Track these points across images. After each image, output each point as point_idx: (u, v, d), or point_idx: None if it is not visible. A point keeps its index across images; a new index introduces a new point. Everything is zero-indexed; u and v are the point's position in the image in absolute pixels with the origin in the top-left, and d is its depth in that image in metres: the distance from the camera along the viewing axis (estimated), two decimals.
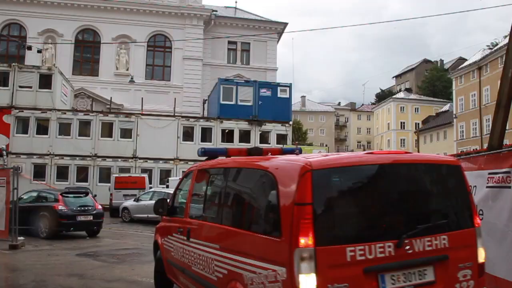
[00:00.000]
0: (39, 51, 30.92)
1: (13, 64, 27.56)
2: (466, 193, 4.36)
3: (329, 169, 3.76)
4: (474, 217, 4.28)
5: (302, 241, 3.42)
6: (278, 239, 3.65)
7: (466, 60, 64.15)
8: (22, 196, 14.65)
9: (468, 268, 4.00)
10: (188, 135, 28.41)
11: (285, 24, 42.98)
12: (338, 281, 3.44)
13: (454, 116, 53.68)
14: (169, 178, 24.99)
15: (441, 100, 75.92)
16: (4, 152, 22.24)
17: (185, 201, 6.18)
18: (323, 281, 3.39)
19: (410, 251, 3.73)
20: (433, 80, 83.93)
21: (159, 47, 39.82)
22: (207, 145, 28.15)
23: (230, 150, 6.31)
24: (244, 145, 28.55)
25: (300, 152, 5.17)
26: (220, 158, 6.24)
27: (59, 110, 27.11)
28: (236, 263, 4.21)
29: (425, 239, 3.82)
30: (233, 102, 29.04)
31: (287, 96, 29.95)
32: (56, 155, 26.24)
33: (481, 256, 4.16)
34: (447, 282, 3.90)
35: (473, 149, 41.13)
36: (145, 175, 24.26)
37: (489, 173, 6.12)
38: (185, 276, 5.71)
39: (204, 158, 6.37)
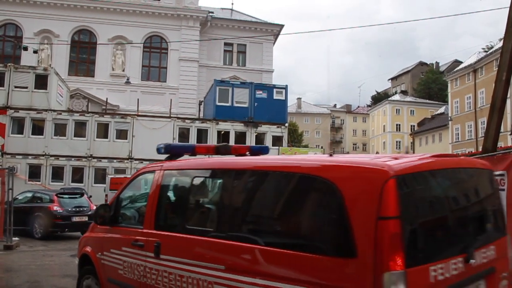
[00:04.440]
0: (35, 52, 30.79)
1: (9, 64, 27.44)
2: (499, 200, 4.14)
3: (416, 173, 3.17)
4: (505, 224, 3.98)
5: (392, 262, 2.79)
6: (351, 261, 2.94)
7: (461, 62, 64.44)
8: (17, 197, 14.62)
9: (506, 279, 3.73)
10: (183, 136, 28.35)
11: (281, 26, 43.05)
12: None
13: (449, 118, 53.90)
14: None
15: (437, 102, 76.22)
16: (1, 153, 22.17)
17: (143, 207, 5.13)
18: None
19: (474, 264, 3.32)
20: (429, 82, 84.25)
21: (155, 48, 39.80)
22: None
23: (198, 148, 5.79)
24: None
25: (268, 152, 5.11)
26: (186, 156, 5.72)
27: (54, 110, 27.01)
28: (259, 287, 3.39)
29: (481, 250, 3.47)
30: (229, 104, 29.02)
31: (283, 98, 29.96)
32: (52, 156, 26.14)
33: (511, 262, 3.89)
34: None
35: (468, 152, 41.26)
36: None
37: None
38: None
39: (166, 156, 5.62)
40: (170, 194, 5.05)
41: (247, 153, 5.59)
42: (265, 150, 5.66)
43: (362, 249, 2.90)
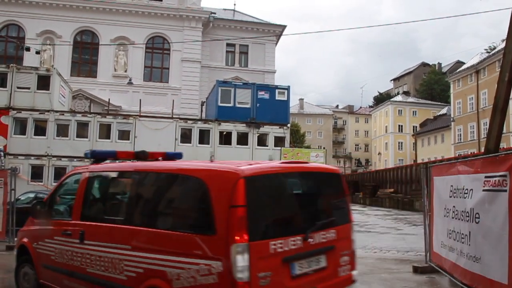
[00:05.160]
0: (38, 52, 30.88)
1: (11, 65, 27.48)
2: (345, 195, 5.40)
3: (258, 176, 4.35)
4: (350, 214, 5.37)
5: (238, 238, 3.95)
6: (212, 237, 4.15)
7: (464, 63, 64.35)
8: (19, 197, 14.61)
9: (347, 255, 5.06)
10: (186, 137, 28.35)
11: (284, 26, 43.04)
12: (265, 269, 4.08)
13: (451, 119, 53.80)
14: None
15: (439, 103, 76.07)
16: (2, 153, 22.20)
17: (72, 203, 6.09)
18: (254, 271, 3.98)
19: (312, 243, 4.55)
20: (431, 83, 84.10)
21: (157, 49, 39.83)
22: (205, 147, 28.13)
23: (119, 153, 6.71)
24: (243, 148, 28.57)
25: (181, 157, 6.33)
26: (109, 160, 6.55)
27: (57, 111, 27.05)
28: (156, 261, 4.53)
29: (321, 233, 4.71)
30: (231, 104, 29.01)
31: (285, 98, 29.93)
32: (54, 156, 26.15)
33: (353, 244, 5.26)
34: (334, 267, 4.87)
35: (471, 153, 41.21)
36: None
37: (486, 177, 6.15)
38: (74, 279, 5.65)
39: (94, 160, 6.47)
40: (93, 191, 6.05)
41: (160, 158, 6.65)
42: (178, 156, 6.96)
43: (219, 228, 4.09)
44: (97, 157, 6.56)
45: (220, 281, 3.99)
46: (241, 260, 3.91)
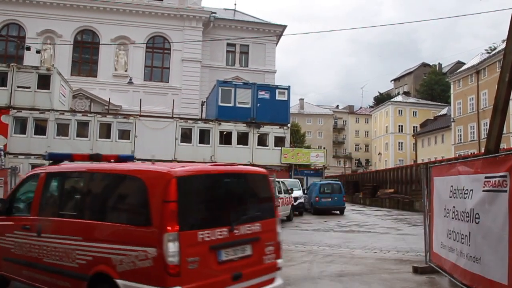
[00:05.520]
0: (38, 52, 30.89)
1: (12, 64, 27.52)
2: (271, 194, 6.20)
3: (188, 176, 5.05)
4: (275, 210, 6.09)
5: (169, 228, 4.63)
6: (148, 228, 4.80)
7: (464, 64, 64.31)
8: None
9: (272, 246, 5.79)
10: (186, 136, 28.37)
11: (284, 26, 43.04)
12: (193, 255, 4.77)
13: (452, 119, 53.79)
14: None
15: (439, 103, 76.01)
16: (2, 152, 22.19)
17: (31, 200, 6.67)
18: (183, 256, 4.66)
19: (237, 234, 5.27)
20: (431, 83, 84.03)
21: (158, 49, 39.84)
22: (205, 147, 28.17)
23: (75, 156, 7.24)
24: (243, 148, 28.60)
25: (133, 160, 6.76)
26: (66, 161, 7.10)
27: (57, 110, 27.08)
28: (103, 249, 5.19)
29: (246, 225, 5.43)
30: (231, 104, 29.03)
31: (285, 98, 29.96)
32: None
33: (279, 236, 5.96)
34: (259, 255, 5.58)
35: (471, 153, 41.19)
36: None
37: (486, 177, 6.14)
38: (32, 269, 6.20)
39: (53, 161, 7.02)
40: (49, 189, 6.60)
41: (112, 160, 7.16)
42: (130, 158, 7.50)
43: (154, 220, 4.77)
44: (54, 158, 7.17)
45: (154, 264, 4.68)
46: (172, 247, 4.61)
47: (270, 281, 5.76)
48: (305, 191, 27.32)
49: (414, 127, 73.41)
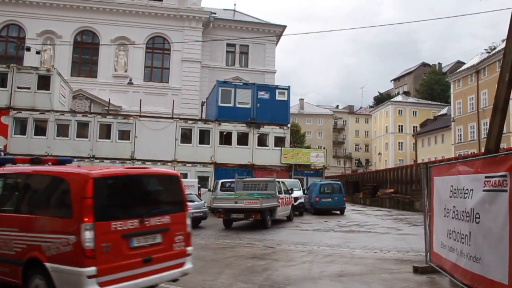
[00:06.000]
0: (38, 52, 30.89)
1: (12, 65, 27.53)
2: (181, 192, 7.22)
3: (102, 177, 6.11)
4: (185, 205, 7.12)
5: (86, 219, 5.62)
6: (70, 219, 5.77)
7: (464, 63, 64.30)
8: None
9: (181, 235, 6.81)
10: (186, 137, 28.38)
11: (284, 27, 43.05)
12: (107, 241, 5.76)
13: (452, 119, 53.78)
14: None
15: (439, 103, 75.97)
16: (2, 153, 22.19)
17: None
18: (98, 242, 5.64)
19: (148, 225, 6.30)
20: (431, 83, 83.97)
21: (157, 49, 39.85)
22: (205, 147, 28.18)
23: (17, 159, 8.54)
24: (243, 148, 28.61)
25: (71, 162, 7.85)
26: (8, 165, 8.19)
27: (57, 111, 27.09)
28: (35, 238, 6.13)
29: (156, 218, 6.46)
30: (231, 105, 29.03)
31: (285, 98, 29.96)
32: (54, 157, 26.17)
33: (188, 228, 7.00)
34: (168, 243, 6.61)
35: (471, 153, 41.19)
36: None
37: (486, 177, 6.14)
38: None
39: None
40: None
41: (50, 163, 8.15)
42: (68, 161, 8.36)
43: (75, 213, 5.75)
44: None
45: (74, 249, 5.64)
46: (88, 235, 5.58)
47: (180, 265, 6.79)
48: (305, 191, 27.31)
49: (414, 127, 73.36)
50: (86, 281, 5.59)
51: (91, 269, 5.59)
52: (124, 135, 27.72)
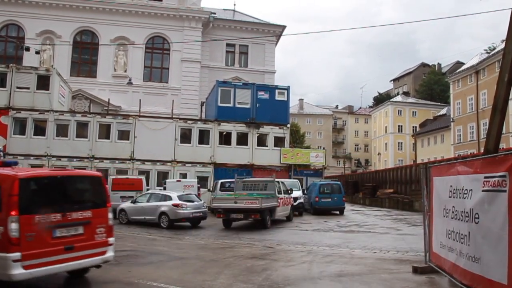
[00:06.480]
0: (37, 52, 30.86)
1: (11, 65, 27.51)
2: (104, 190, 8.32)
3: (27, 178, 7.24)
4: (107, 202, 8.22)
5: (13, 213, 6.69)
6: (0, 213, 6.76)
7: (463, 64, 64.32)
8: None
9: (102, 227, 7.90)
10: (185, 137, 28.37)
11: (283, 27, 43.05)
12: (31, 232, 6.83)
13: (451, 119, 53.79)
14: (167, 180, 24.94)
15: (439, 103, 75.96)
16: (2, 153, 22.21)
17: None
18: (23, 232, 6.71)
19: (70, 218, 7.40)
20: (431, 83, 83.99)
21: (157, 49, 39.85)
22: (205, 147, 28.19)
23: None
24: (242, 148, 28.60)
25: (16, 164, 8.54)
26: None
27: (56, 111, 27.07)
28: None
29: (78, 212, 7.59)
30: (231, 105, 29.04)
31: (285, 98, 29.96)
32: (54, 157, 26.19)
33: (110, 221, 8.09)
34: (90, 234, 7.70)
35: (470, 153, 41.20)
36: (143, 177, 24.17)
37: (485, 177, 6.14)
38: None
39: None
40: None
41: None
42: (14, 163, 8.70)
43: (4, 208, 6.78)
44: None
45: (2, 237, 6.66)
46: (14, 226, 6.65)
47: (102, 253, 7.89)
48: (305, 191, 27.31)
49: (413, 127, 73.35)
50: (12, 264, 6.63)
51: (16, 255, 6.66)
52: (124, 135, 27.71)
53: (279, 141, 29.47)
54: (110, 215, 8.17)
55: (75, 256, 7.41)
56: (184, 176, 26.85)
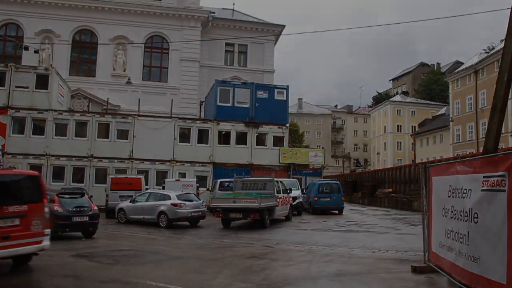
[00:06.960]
0: (36, 52, 30.83)
1: (10, 64, 27.47)
2: (40, 187, 9.18)
3: None
4: (43, 197, 9.12)
5: None
6: None
7: (462, 63, 64.35)
8: None
9: (38, 220, 8.77)
10: (184, 136, 28.36)
11: (282, 26, 43.03)
12: None
13: (450, 119, 53.81)
14: (166, 180, 24.93)
15: (438, 103, 76.02)
16: (1, 153, 22.16)
17: None
18: None
19: (6, 211, 8.23)
20: (430, 83, 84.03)
21: (156, 48, 39.82)
22: (204, 146, 28.18)
23: None
24: (241, 147, 28.60)
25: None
26: None
27: (55, 110, 27.04)
28: None
29: (14, 206, 8.41)
30: (230, 104, 29.04)
31: (284, 98, 29.97)
32: (53, 156, 26.17)
33: (46, 215, 9.02)
34: (26, 225, 8.51)
35: (469, 153, 41.20)
36: (141, 176, 24.14)
37: (484, 177, 6.14)
38: None
39: None
40: None
41: None
42: None
43: None
44: None
45: None
46: None
47: (38, 242, 8.72)
48: (304, 190, 27.32)
49: (412, 126, 73.40)
50: None
51: None
52: (123, 134, 27.70)
53: (278, 141, 29.48)
54: (46, 209, 9.11)
55: (11, 244, 8.22)
56: (183, 175, 26.85)
